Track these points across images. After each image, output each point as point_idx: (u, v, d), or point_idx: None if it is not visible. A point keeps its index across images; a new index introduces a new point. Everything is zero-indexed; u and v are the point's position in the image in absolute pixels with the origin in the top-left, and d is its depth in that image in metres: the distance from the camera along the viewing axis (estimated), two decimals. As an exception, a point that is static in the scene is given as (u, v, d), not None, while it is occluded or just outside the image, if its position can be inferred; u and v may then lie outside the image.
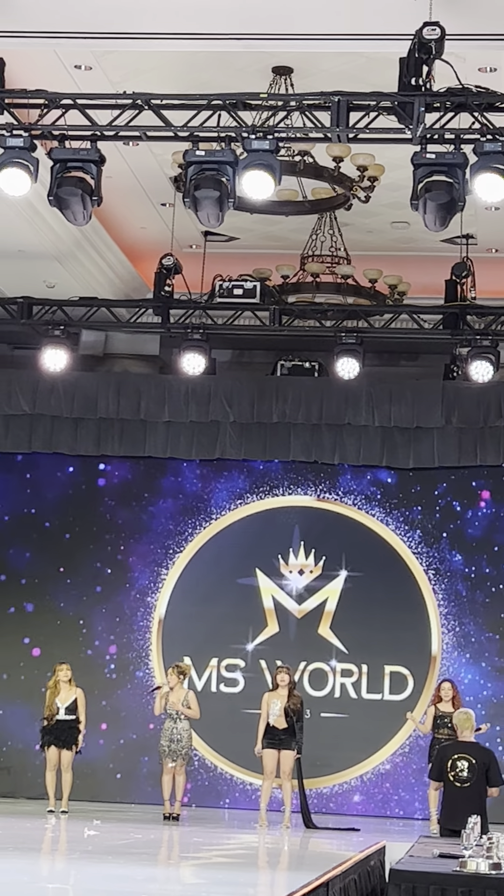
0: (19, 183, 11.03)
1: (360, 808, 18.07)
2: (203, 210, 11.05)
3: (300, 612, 18.54)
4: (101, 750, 18.07)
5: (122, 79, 12.28)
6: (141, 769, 18.18)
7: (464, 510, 18.41)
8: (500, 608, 18.21)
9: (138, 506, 18.86)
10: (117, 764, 18.32)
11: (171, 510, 18.83)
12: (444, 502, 18.42)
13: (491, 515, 18.39)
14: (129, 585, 18.72)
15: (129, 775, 18.30)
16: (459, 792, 12.37)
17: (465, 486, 18.40)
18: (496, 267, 16.71)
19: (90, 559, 18.80)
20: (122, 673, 18.55)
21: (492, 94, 10.77)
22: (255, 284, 15.97)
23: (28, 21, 10.88)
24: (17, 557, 18.84)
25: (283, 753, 15.89)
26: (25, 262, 16.03)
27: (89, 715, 16.46)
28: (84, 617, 18.68)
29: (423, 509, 18.42)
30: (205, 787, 18.24)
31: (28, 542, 18.85)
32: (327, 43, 11.15)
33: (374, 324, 16.78)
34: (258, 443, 17.74)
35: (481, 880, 9.37)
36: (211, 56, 11.89)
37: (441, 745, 14.07)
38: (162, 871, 12.13)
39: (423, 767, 16.90)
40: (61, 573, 18.74)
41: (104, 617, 18.67)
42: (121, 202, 15.44)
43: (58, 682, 16.24)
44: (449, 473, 18.23)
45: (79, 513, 18.88)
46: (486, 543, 18.34)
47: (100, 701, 17.92)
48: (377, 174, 13.38)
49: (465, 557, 18.32)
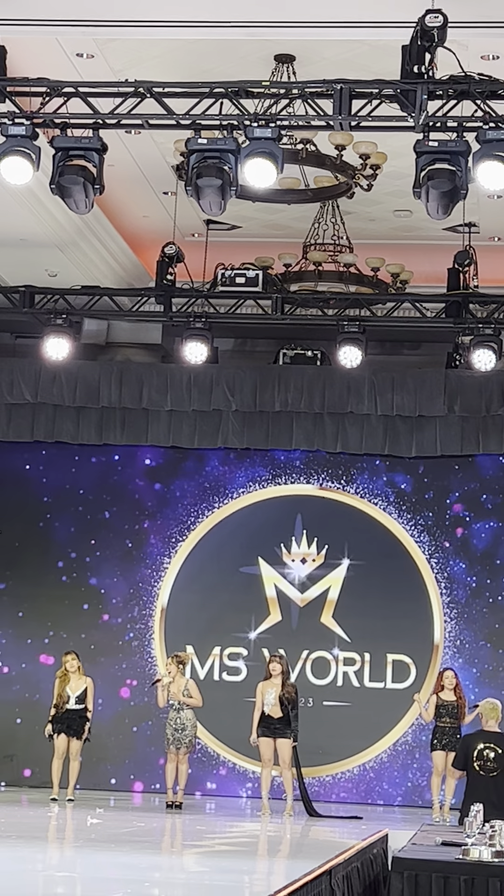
0: (21, 171, 11.03)
1: (363, 797, 18.08)
2: (205, 198, 11.04)
3: (302, 601, 18.55)
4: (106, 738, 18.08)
5: (123, 67, 12.27)
6: (145, 756, 18.22)
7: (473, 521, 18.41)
8: (496, 618, 18.22)
9: (142, 496, 18.87)
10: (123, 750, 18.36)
11: (184, 496, 18.81)
12: (453, 513, 18.41)
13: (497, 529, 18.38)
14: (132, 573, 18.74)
15: (134, 761, 18.35)
16: (484, 781, 12.35)
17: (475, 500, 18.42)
18: (499, 255, 16.70)
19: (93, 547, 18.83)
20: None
21: (494, 81, 10.76)
22: (258, 273, 15.95)
23: (30, 9, 10.88)
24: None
25: (280, 742, 15.90)
26: (27, 251, 16.02)
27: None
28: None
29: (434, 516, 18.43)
30: (208, 775, 18.26)
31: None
32: (329, 30, 11.15)
33: (377, 312, 16.77)
34: (260, 431, 17.74)
35: (484, 868, 9.39)
36: (213, 44, 11.87)
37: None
38: (165, 859, 12.14)
39: (426, 755, 16.91)
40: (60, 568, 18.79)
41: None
42: (123, 190, 15.43)
43: (66, 672, 16.28)
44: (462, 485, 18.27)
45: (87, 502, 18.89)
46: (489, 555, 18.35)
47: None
48: (379, 162, 13.35)
49: (468, 566, 18.33)
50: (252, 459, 18.67)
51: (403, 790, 18.05)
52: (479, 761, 12.42)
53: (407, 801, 17.95)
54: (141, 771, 18.25)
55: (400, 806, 17.90)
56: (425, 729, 17.18)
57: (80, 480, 18.82)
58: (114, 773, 18.27)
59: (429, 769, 16.75)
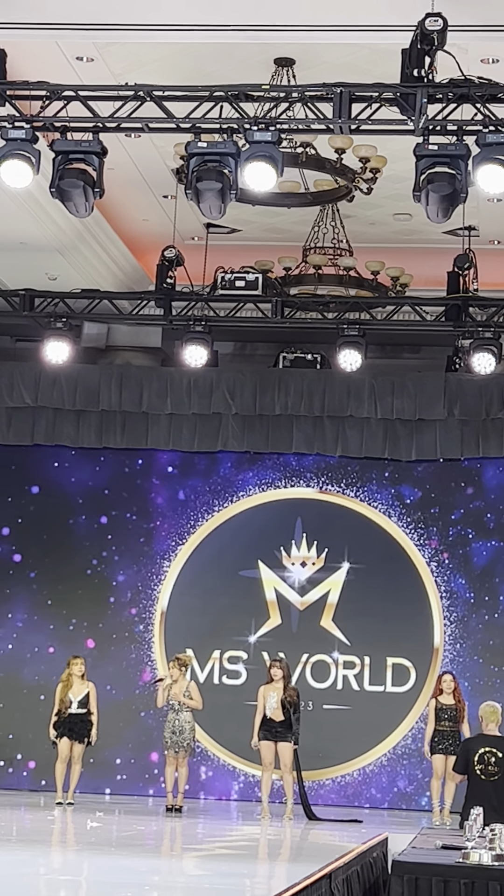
0: (21, 175, 11.03)
1: (363, 800, 18.07)
2: (205, 202, 11.04)
3: (302, 604, 18.54)
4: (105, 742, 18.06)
5: (123, 70, 12.27)
6: (145, 761, 18.21)
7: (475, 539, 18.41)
8: (491, 635, 18.23)
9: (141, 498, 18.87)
10: (123, 756, 18.34)
11: (178, 500, 18.82)
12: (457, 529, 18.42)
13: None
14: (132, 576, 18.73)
15: (133, 766, 18.33)
16: (485, 785, 12.33)
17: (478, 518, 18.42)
18: (498, 258, 16.70)
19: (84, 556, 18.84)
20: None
21: (494, 85, 10.76)
22: (258, 276, 15.96)
23: (30, 13, 10.89)
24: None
25: (281, 745, 15.91)
26: (27, 254, 16.03)
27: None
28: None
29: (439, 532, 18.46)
30: (207, 778, 18.25)
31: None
32: (329, 34, 11.14)
33: (377, 316, 16.78)
34: (260, 435, 17.76)
35: (484, 872, 9.38)
36: (213, 47, 11.87)
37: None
38: (165, 862, 12.13)
39: (426, 759, 16.90)
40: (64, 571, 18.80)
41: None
42: (123, 194, 15.43)
43: (71, 676, 16.28)
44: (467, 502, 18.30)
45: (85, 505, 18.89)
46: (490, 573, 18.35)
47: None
48: (379, 166, 13.36)
49: (468, 582, 18.33)
50: (264, 463, 18.66)
51: (403, 794, 18.05)
52: (480, 765, 12.39)
53: (407, 805, 17.94)
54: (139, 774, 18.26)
55: (400, 809, 17.89)
56: (424, 732, 17.16)
57: (102, 481, 18.79)
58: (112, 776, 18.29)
59: (428, 773, 16.74)
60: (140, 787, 18.15)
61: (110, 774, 18.19)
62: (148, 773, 18.15)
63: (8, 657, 18.67)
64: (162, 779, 16.69)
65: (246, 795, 18.05)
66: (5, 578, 18.78)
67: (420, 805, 17.65)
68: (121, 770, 18.24)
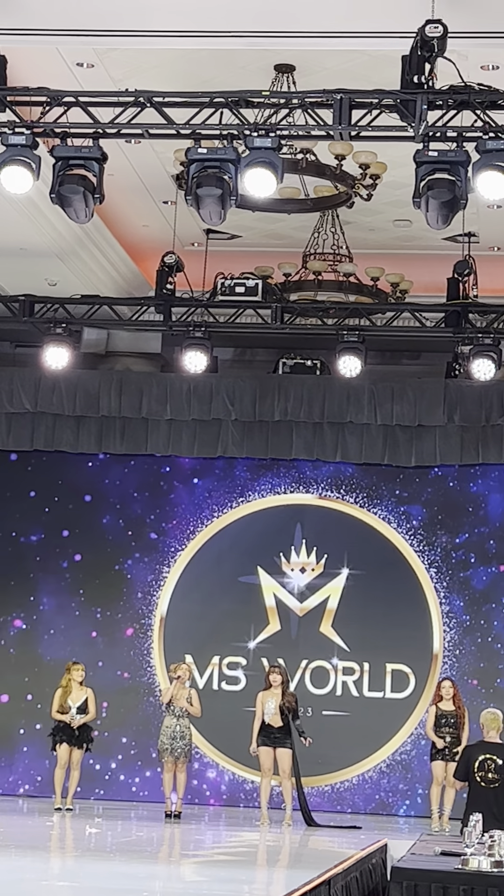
0: (21, 180, 11.04)
1: (362, 806, 18.06)
2: (205, 208, 11.06)
3: (302, 610, 18.54)
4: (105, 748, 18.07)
5: (124, 76, 12.28)
6: (144, 767, 18.21)
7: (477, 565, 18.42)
8: (482, 658, 18.24)
9: (139, 505, 18.87)
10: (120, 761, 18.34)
11: (173, 506, 18.82)
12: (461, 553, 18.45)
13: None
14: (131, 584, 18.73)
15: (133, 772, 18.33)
16: (485, 792, 12.33)
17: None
18: (498, 265, 16.71)
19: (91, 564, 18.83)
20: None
21: (494, 91, 10.78)
22: (257, 282, 15.96)
23: (30, 19, 10.89)
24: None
25: (280, 751, 15.90)
26: (27, 260, 16.03)
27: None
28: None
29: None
30: (206, 784, 18.24)
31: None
32: (329, 40, 11.16)
33: (376, 322, 16.77)
34: (260, 441, 17.75)
35: (483, 878, 9.39)
36: (213, 54, 11.89)
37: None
38: (164, 868, 12.13)
39: (425, 765, 16.89)
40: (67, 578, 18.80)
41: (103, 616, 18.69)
42: (123, 200, 15.44)
43: (71, 682, 16.27)
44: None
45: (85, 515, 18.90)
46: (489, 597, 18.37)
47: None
48: (379, 172, 13.38)
49: (466, 605, 18.34)
50: (277, 470, 18.67)
51: (402, 800, 18.03)
52: (480, 772, 12.39)
53: (406, 811, 17.93)
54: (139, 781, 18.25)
55: (399, 816, 17.88)
56: (424, 739, 17.16)
57: (130, 484, 18.81)
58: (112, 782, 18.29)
59: (428, 779, 16.72)
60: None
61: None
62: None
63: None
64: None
65: (245, 801, 18.03)
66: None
67: (419, 811, 17.62)
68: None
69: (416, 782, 17.94)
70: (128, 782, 18.32)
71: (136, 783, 18.29)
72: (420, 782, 17.77)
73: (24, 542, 18.85)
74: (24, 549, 18.84)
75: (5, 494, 18.89)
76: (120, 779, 18.32)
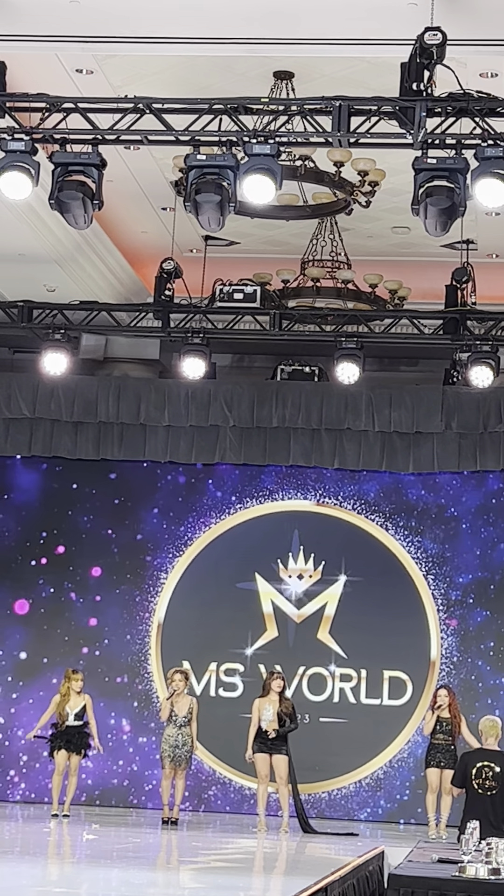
0: (20, 186, 11.03)
1: (359, 813, 18.05)
2: (204, 214, 11.06)
3: (299, 617, 18.53)
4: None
5: (123, 83, 12.30)
6: (141, 775, 18.19)
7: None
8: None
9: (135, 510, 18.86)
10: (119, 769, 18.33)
11: (171, 512, 18.81)
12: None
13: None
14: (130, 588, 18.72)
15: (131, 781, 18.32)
16: (482, 799, 12.32)
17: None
18: (496, 272, 16.72)
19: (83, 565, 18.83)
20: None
21: (493, 99, 10.78)
22: (256, 289, 15.96)
23: (30, 25, 10.89)
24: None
25: (276, 758, 15.90)
26: (26, 266, 16.04)
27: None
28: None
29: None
30: (203, 791, 18.23)
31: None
32: (328, 47, 11.16)
33: (375, 329, 16.78)
34: (258, 447, 17.76)
35: (480, 885, 9.38)
36: (212, 60, 11.91)
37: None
38: (161, 875, 12.12)
39: (422, 772, 16.87)
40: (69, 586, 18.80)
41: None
42: (122, 206, 15.45)
43: (70, 690, 16.26)
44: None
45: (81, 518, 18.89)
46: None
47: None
48: (378, 179, 13.38)
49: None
50: (275, 476, 18.64)
51: (400, 807, 18.02)
52: (477, 779, 12.38)
53: (403, 818, 17.91)
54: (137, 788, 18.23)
55: (396, 823, 17.86)
56: (421, 746, 17.16)
57: (158, 489, 18.83)
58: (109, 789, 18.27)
59: (425, 786, 16.69)
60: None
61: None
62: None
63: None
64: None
65: (242, 808, 18.01)
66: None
67: (416, 819, 17.60)
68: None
69: (413, 789, 17.92)
70: (125, 788, 18.32)
71: (133, 789, 18.28)
72: (417, 789, 17.75)
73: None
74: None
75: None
76: (119, 784, 18.31)
